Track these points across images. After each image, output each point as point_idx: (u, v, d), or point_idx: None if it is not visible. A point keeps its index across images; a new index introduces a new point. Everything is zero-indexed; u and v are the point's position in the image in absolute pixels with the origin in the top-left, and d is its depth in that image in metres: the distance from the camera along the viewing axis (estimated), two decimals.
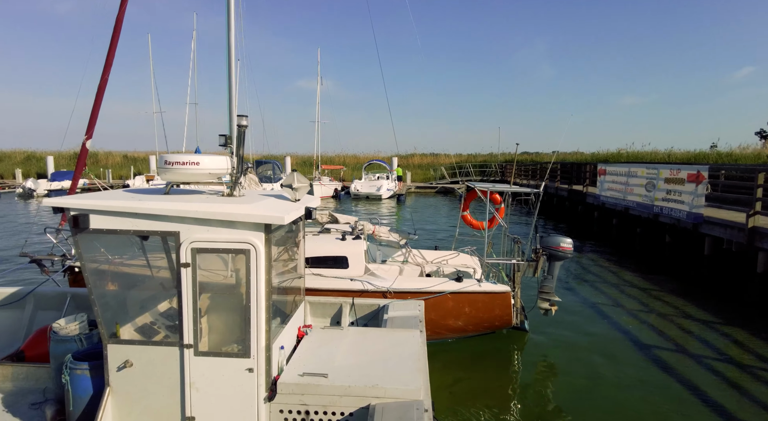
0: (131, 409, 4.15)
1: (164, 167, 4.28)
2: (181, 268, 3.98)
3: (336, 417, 4.04)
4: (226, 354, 4.03)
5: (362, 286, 7.33)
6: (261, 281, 3.97)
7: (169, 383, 4.09)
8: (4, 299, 6.73)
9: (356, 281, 7.42)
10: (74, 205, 3.97)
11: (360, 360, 4.46)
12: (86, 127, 7.77)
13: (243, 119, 4.39)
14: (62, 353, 4.92)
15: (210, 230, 3.95)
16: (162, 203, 3.94)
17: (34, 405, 5.13)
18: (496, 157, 46.46)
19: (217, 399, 4.06)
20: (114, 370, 4.13)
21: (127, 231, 4.01)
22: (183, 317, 4.00)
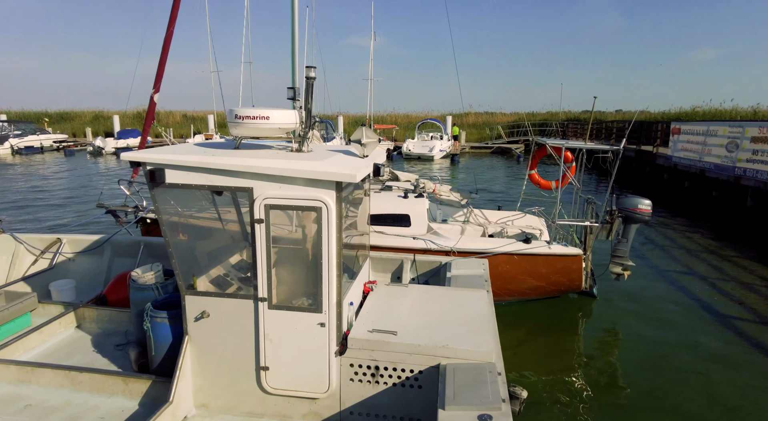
0: (208, 357, 4.28)
1: (234, 122, 4.21)
2: (255, 223, 3.96)
3: (405, 374, 4.01)
4: (298, 308, 4.04)
5: (425, 244, 7.21)
6: (332, 238, 3.90)
7: (244, 333, 4.17)
8: (86, 246, 7.10)
9: (419, 239, 7.29)
10: (150, 160, 3.99)
11: (427, 319, 4.38)
12: (153, 81, 7.88)
13: (311, 70, 4.21)
14: (141, 301, 5.14)
15: (282, 187, 3.89)
16: (235, 159, 3.89)
17: (119, 346, 5.44)
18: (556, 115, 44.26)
19: (289, 351, 4.11)
20: (192, 320, 4.25)
21: (202, 186, 4.01)
22: (257, 271, 4.02)
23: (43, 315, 6.02)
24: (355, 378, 4.11)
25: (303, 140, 4.41)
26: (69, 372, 4.54)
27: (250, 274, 4.17)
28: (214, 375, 4.32)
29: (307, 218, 4.14)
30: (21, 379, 4.63)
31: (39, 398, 4.49)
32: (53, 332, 5.53)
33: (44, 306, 6.02)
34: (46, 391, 4.57)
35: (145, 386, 4.47)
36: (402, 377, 4.03)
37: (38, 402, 4.44)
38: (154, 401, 4.47)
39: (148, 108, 8.03)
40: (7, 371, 4.63)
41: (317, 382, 4.14)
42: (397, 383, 4.05)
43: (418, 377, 4.00)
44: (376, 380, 4.08)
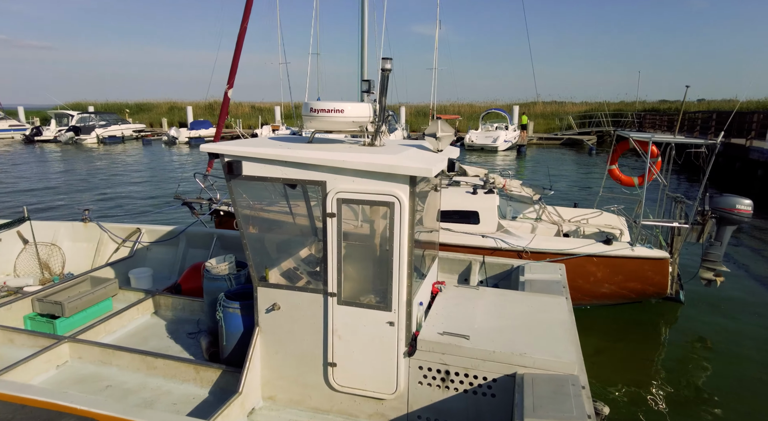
0: (277, 349, 4.28)
1: (309, 115, 4.15)
2: (326, 217, 3.88)
3: (477, 381, 3.81)
4: (367, 306, 3.94)
5: (495, 243, 6.90)
6: (404, 234, 3.75)
7: (313, 328, 4.12)
8: (163, 236, 7.40)
9: (488, 237, 7.00)
10: (228, 152, 4.00)
11: (502, 324, 4.14)
12: (227, 78, 8.06)
13: (387, 62, 4.05)
14: (214, 291, 5.24)
15: (355, 181, 3.78)
16: (309, 152, 3.83)
17: (191, 334, 5.60)
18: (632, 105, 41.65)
19: (358, 348, 4.02)
20: (263, 311, 4.25)
21: (277, 179, 3.98)
22: (327, 266, 3.95)
23: (122, 300, 6.32)
24: (423, 381, 3.96)
25: (376, 134, 4.27)
26: (145, 357, 4.70)
27: (321, 268, 4.11)
28: (282, 368, 4.31)
29: (379, 213, 4.01)
30: (103, 360, 4.85)
31: (118, 380, 4.68)
32: (132, 317, 5.78)
33: (124, 292, 6.32)
34: (124, 373, 4.76)
35: (215, 375, 4.54)
36: (474, 384, 3.83)
37: (117, 383, 4.63)
38: (224, 390, 4.54)
39: (223, 103, 8.23)
40: (92, 352, 4.86)
41: (385, 382, 4.02)
42: (469, 389, 3.86)
43: (491, 385, 3.78)
44: (446, 385, 3.91)
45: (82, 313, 5.74)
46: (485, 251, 6.75)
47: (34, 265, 7.06)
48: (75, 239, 7.44)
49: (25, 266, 7.02)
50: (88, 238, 7.45)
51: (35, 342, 5.05)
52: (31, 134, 40.62)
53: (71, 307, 5.57)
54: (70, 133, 38.87)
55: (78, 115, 40.98)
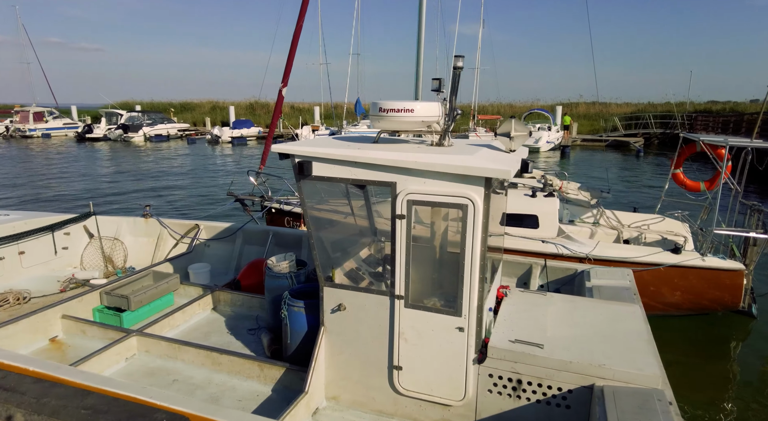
0: (342, 349, 4.25)
1: (378, 115, 4.10)
2: (396, 219, 3.82)
3: (551, 391, 3.67)
4: (436, 310, 3.86)
5: (556, 249, 6.69)
6: (477, 238, 3.64)
7: (379, 330, 4.08)
8: (220, 232, 7.53)
9: (549, 242, 6.80)
10: (299, 153, 4.00)
11: (575, 333, 3.99)
12: (282, 76, 8.14)
13: (459, 60, 3.96)
14: (275, 288, 5.28)
15: (427, 182, 3.70)
16: (379, 153, 3.78)
17: (251, 331, 5.65)
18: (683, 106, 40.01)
19: (424, 352, 3.95)
20: (328, 311, 4.24)
21: (346, 179, 3.94)
22: (396, 268, 3.89)
23: (183, 295, 6.46)
24: (493, 389, 3.85)
25: (445, 134, 4.19)
26: (210, 353, 4.77)
27: (388, 270, 4.07)
28: (347, 369, 4.28)
29: (451, 216, 3.93)
30: (169, 354, 4.95)
31: (184, 374, 4.77)
32: (193, 313, 5.89)
33: (185, 287, 6.45)
34: (190, 368, 4.84)
35: (279, 373, 4.56)
36: (547, 394, 3.70)
37: (183, 378, 4.72)
38: (287, 388, 4.55)
39: (277, 101, 8.33)
40: (159, 346, 4.97)
41: (453, 388, 3.94)
42: (542, 400, 3.73)
43: (566, 396, 3.64)
44: (517, 395, 3.79)
45: (146, 307, 5.89)
46: (546, 257, 6.55)
47: (99, 258, 7.31)
48: (136, 234, 7.67)
49: (91, 259, 7.28)
50: (148, 233, 7.66)
51: (105, 334, 5.21)
52: (83, 132, 42.44)
53: (137, 301, 5.72)
54: (119, 131, 40.41)
55: (126, 114, 42.57)
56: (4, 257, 6.42)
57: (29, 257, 6.73)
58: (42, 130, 44.32)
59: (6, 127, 44.58)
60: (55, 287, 6.64)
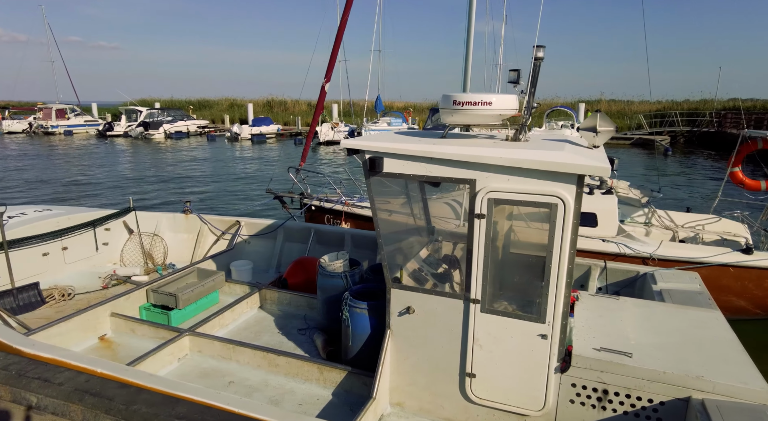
0: (409, 354, 4.05)
1: (452, 108, 3.87)
2: (474, 218, 3.60)
3: (641, 403, 3.42)
4: (517, 316, 3.63)
5: (617, 248, 6.41)
6: (566, 240, 3.40)
7: (451, 335, 3.86)
8: (261, 229, 7.38)
9: (609, 242, 6.52)
10: (370, 148, 3.79)
11: (662, 341, 3.73)
12: (325, 72, 7.97)
13: (540, 51, 3.73)
14: (329, 288, 5.09)
15: (511, 180, 3.46)
16: (459, 148, 3.55)
17: (301, 330, 5.48)
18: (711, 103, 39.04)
19: (501, 360, 3.73)
20: (395, 314, 4.04)
21: (420, 176, 3.73)
22: (472, 270, 3.67)
23: (228, 293, 6.32)
24: (576, 400, 3.62)
25: (522, 128, 3.97)
26: (267, 354, 4.60)
27: (461, 272, 3.86)
28: (413, 374, 4.08)
29: (539, 216, 3.70)
30: (223, 355, 4.80)
31: (239, 376, 4.61)
32: (242, 311, 5.74)
33: (229, 285, 6.31)
34: (245, 369, 4.68)
35: (340, 376, 4.38)
36: (636, 406, 3.45)
37: (239, 380, 4.56)
38: (348, 393, 4.37)
39: (319, 97, 8.16)
40: (212, 347, 4.82)
41: (531, 398, 3.71)
42: (630, 411, 3.49)
43: (657, 409, 3.40)
44: (602, 406, 3.55)
45: (193, 305, 5.76)
46: (606, 256, 6.29)
47: (138, 254, 7.21)
48: (176, 230, 7.55)
49: (131, 255, 7.18)
50: (188, 229, 7.55)
51: (155, 333, 5.08)
52: (104, 129, 42.83)
53: (185, 299, 5.58)
54: (139, 128, 40.70)
55: (146, 111, 42.86)
56: (48, 252, 6.34)
57: (72, 253, 6.65)
58: (64, 127, 44.84)
59: (29, 123, 45.20)
60: (97, 283, 6.55)
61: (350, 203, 7.96)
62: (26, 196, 17.32)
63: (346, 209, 7.84)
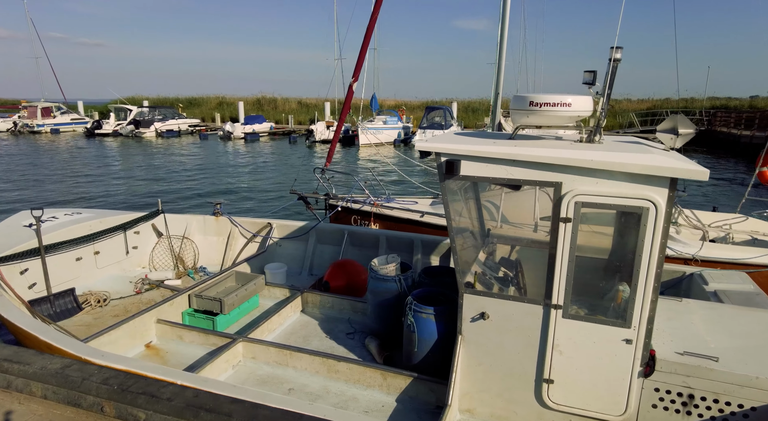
0: (481, 360, 4.01)
1: (528, 109, 3.82)
2: (559, 222, 3.56)
3: (730, 408, 3.42)
4: (601, 321, 3.60)
5: None
6: (656, 243, 3.38)
7: (527, 341, 3.82)
8: (293, 231, 7.28)
9: None
10: (447, 151, 3.73)
11: (744, 344, 3.73)
12: (353, 71, 7.87)
13: (618, 52, 3.70)
14: (382, 291, 5.03)
15: (600, 183, 3.43)
16: (546, 150, 3.51)
17: (349, 335, 5.41)
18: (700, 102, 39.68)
19: (581, 366, 3.70)
20: (468, 320, 3.98)
21: (500, 179, 3.67)
22: (555, 275, 3.63)
23: (267, 297, 6.21)
24: (659, 405, 3.61)
25: (597, 129, 3.94)
26: (327, 360, 4.52)
27: (523, 275, 3.83)
28: (485, 381, 4.04)
29: (626, 220, 3.67)
30: (278, 361, 4.71)
31: (298, 382, 4.52)
32: (287, 315, 5.65)
33: (269, 288, 6.21)
34: (303, 375, 4.60)
35: (405, 382, 4.32)
36: (725, 411, 3.45)
37: (299, 387, 4.48)
38: (413, 399, 4.31)
39: (346, 96, 8.06)
40: (267, 353, 4.73)
41: (612, 403, 3.70)
42: (717, 416, 3.48)
43: (748, 414, 3.39)
44: (687, 410, 3.55)
45: (236, 310, 5.65)
46: None
47: (168, 258, 7.06)
48: (206, 233, 7.41)
49: (160, 258, 7.02)
50: (218, 232, 7.41)
51: (205, 340, 4.97)
52: (92, 128, 42.05)
53: (230, 304, 5.48)
54: (130, 126, 40.05)
55: (137, 110, 42.17)
56: (81, 257, 6.17)
57: (103, 257, 6.48)
58: (50, 125, 43.93)
59: (14, 122, 44.17)
60: (128, 287, 6.40)
61: (378, 204, 7.89)
62: (37, 197, 16.91)
63: (375, 210, 7.76)
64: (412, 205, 8.02)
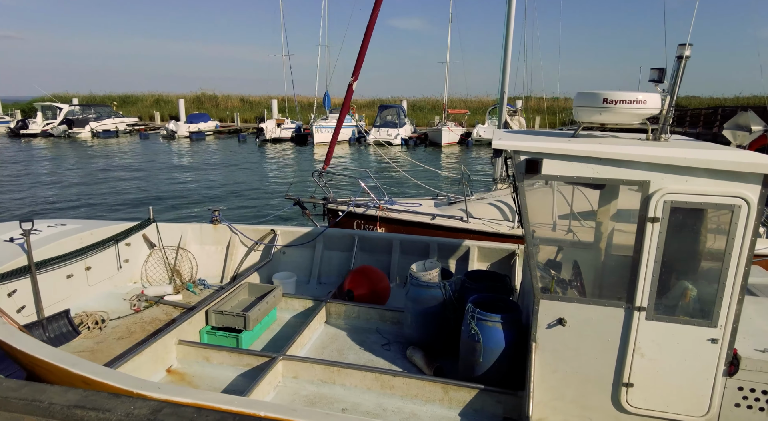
0: (556, 367, 3.86)
1: (601, 107, 3.72)
2: (646, 222, 3.47)
3: None
4: (685, 321, 3.55)
5: None
6: (746, 241, 3.36)
7: (605, 344, 3.72)
8: (299, 238, 6.86)
9: None
10: (527, 149, 3.54)
11: None
12: (353, 70, 7.51)
13: (687, 49, 3.67)
14: (426, 299, 4.79)
15: (689, 181, 3.37)
16: (635, 148, 3.41)
17: (385, 346, 5.12)
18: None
19: (664, 367, 3.64)
20: (543, 326, 3.82)
21: (584, 178, 3.53)
22: (639, 277, 3.54)
23: (284, 309, 5.79)
24: (742, 403, 3.60)
25: (665, 127, 3.89)
26: (380, 375, 4.23)
27: (581, 276, 3.72)
28: (560, 388, 3.90)
29: (714, 218, 3.62)
30: (323, 379, 4.35)
31: (350, 401, 4.20)
32: (315, 328, 5.27)
33: (286, 300, 5.79)
34: (353, 393, 4.28)
35: (469, 395, 4.10)
36: None
37: (351, 406, 4.16)
38: (479, 412, 4.11)
39: (346, 95, 7.68)
40: (311, 371, 4.36)
41: (694, 404, 3.66)
42: None
43: None
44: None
45: (258, 325, 5.20)
46: None
47: (163, 271, 6.43)
48: (203, 242, 6.82)
49: (154, 272, 6.39)
50: (217, 240, 6.84)
51: (238, 360, 4.51)
52: (17, 127, 38.64)
53: (254, 319, 5.03)
54: (63, 126, 37.10)
55: (68, 108, 39.11)
56: (72, 274, 5.46)
57: (95, 273, 5.78)
58: None
59: None
60: (123, 305, 5.76)
61: (384, 207, 7.60)
62: None
63: (381, 214, 7.47)
64: (416, 207, 7.79)
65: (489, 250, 6.42)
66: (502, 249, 6.39)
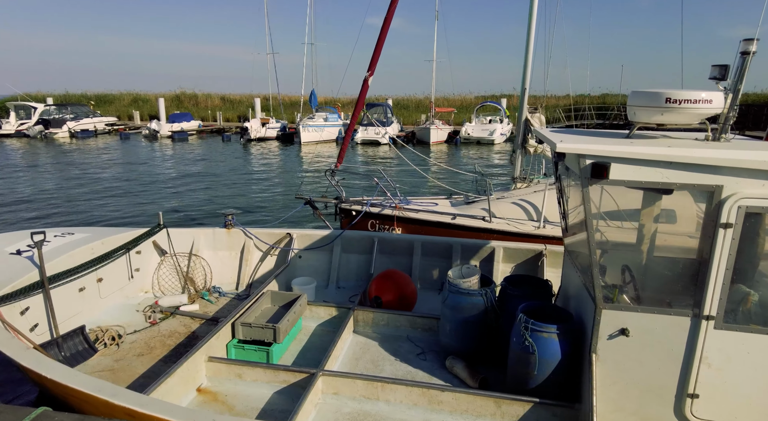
0: (616, 379, 3.71)
1: (664, 106, 3.57)
2: (718, 228, 3.32)
3: None
4: (758, 330, 3.42)
5: None
6: None
7: (669, 355, 3.57)
8: (316, 241, 6.60)
9: None
10: (594, 152, 3.37)
11: None
12: (368, 64, 7.25)
13: (751, 44, 3.54)
14: (467, 307, 4.60)
15: (766, 185, 3.24)
16: (708, 151, 3.25)
17: (420, 355, 4.92)
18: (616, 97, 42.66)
19: (730, 377, 3.51)
20: (605, 337, 3.66)
21: (655, 183, 3.37)
22: (708, 285, 3.40)
23: (308, 317, 5.53)
24: None
25: (726, 127, 3.75)
26: (428, 390, 4.02)
27: (634, 281, 3.58)
28: (620, 400, 3.74)
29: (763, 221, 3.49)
30: (366, 395, 4.13)
31: (396, 418, 3.98)
32: (345, 338, 5.03)
33: (310, 308, 5.53)
34: (400, 410, 4.06)
35: (523, 408, 3.92)
36: None
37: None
38: None
39: (361, 90, 7.42)
40: (353, 387, 4.12)
41: (764, 415, 3.55)
42: None
43: None
44: None
45: (287, 336, 4.94)
46: None
47: (175, 279, 6.11)
48: (216, 248, 6.50)
49: (167, 280, 6.06)
50: (230, 246, 6.53)
51: (274, 377, 4.25)
52: None
53: (283, 330, 4.76)
54: (39, 126, 35.84)
55: (43, 107, 37.82)
56: (84, 286, 5.11)
57: (106, 285, 5.44)
58: None
59: None
60: (137, 317, 5.43)
61: (401, 207, 7.38)
62: None
63: (398, 213, 7.25)
64: (433, 207, 7.59)
65: (515, 251, 6.25)
66: (528, 250, 6.23)
